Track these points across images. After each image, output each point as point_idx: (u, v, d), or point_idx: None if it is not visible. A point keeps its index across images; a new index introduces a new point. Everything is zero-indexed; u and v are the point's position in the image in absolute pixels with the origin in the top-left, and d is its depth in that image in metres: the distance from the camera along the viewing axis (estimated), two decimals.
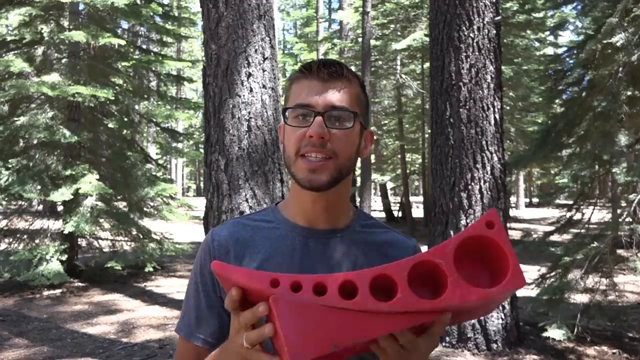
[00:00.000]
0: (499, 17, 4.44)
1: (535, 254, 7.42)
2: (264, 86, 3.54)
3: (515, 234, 11.71)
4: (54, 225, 7.27)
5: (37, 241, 7.08)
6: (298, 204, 0.93)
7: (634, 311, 5.53)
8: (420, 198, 23.71)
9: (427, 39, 6.77)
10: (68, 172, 6.77)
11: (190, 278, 0.97)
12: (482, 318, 4.16)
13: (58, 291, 6.68)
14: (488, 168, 4.27)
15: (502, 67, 5.15)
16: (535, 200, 27.03)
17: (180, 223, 9.99)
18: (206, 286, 0.93)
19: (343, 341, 0.61)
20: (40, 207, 8.18)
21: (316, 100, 0.86)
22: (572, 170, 4.86)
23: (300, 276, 0.64)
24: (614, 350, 4.22)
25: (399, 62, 14.27)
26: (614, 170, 4.76)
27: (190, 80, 9.47)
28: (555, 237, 5.22)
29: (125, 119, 7.95)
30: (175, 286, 7.14)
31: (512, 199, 21.38)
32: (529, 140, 12.03)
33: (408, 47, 12.10)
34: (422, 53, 12.66)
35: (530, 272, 7.09)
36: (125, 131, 8.06)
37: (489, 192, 4.25)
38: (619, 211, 4.83)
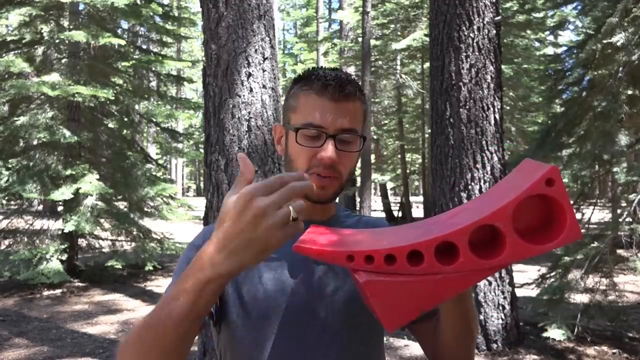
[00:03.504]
0: (499, 17, 4.43)
1: None
2: (264, 86, 3.54)
3: None
4: (54, 225, 7.27)
5: (37, 241, 7.08)
6: None
7: (634, 311, 5.52)
8: (420, 198, 23.72)
9: (427, 39, 6.77)
10: (68, 172, 6.78)
11: (185, 260, 0.89)
12: (482, 318, 4.16)
13: (58, 291, 6.69)
14: (488, 168, 4.27)
15: (502, 67, 5.15)
16: None
17: (180, 223, 9.99)
18: None
19: (427, 305, 0.70)
20: (40, 207, 8.19)
21: (327, 122, 0.88)
22: (572, 170, 4.86)
23: (371, 250, 0.71)
24: (614, 350, 4.22)
25: (399, 62, 14.27)
26: (614, 170, 4.75)
27: (190, 80, 9.46)
28: None
29: (125, 119, 7.95)
30: None
31: None
32: (529, 140, 12.02)
33: (408, 47, 12.11)
34: (422, 53, 12.67)
35: (530, 272, 7.09)
36: (125, 131, 8.07)
37: None
38: (619, 211, 4.83)
